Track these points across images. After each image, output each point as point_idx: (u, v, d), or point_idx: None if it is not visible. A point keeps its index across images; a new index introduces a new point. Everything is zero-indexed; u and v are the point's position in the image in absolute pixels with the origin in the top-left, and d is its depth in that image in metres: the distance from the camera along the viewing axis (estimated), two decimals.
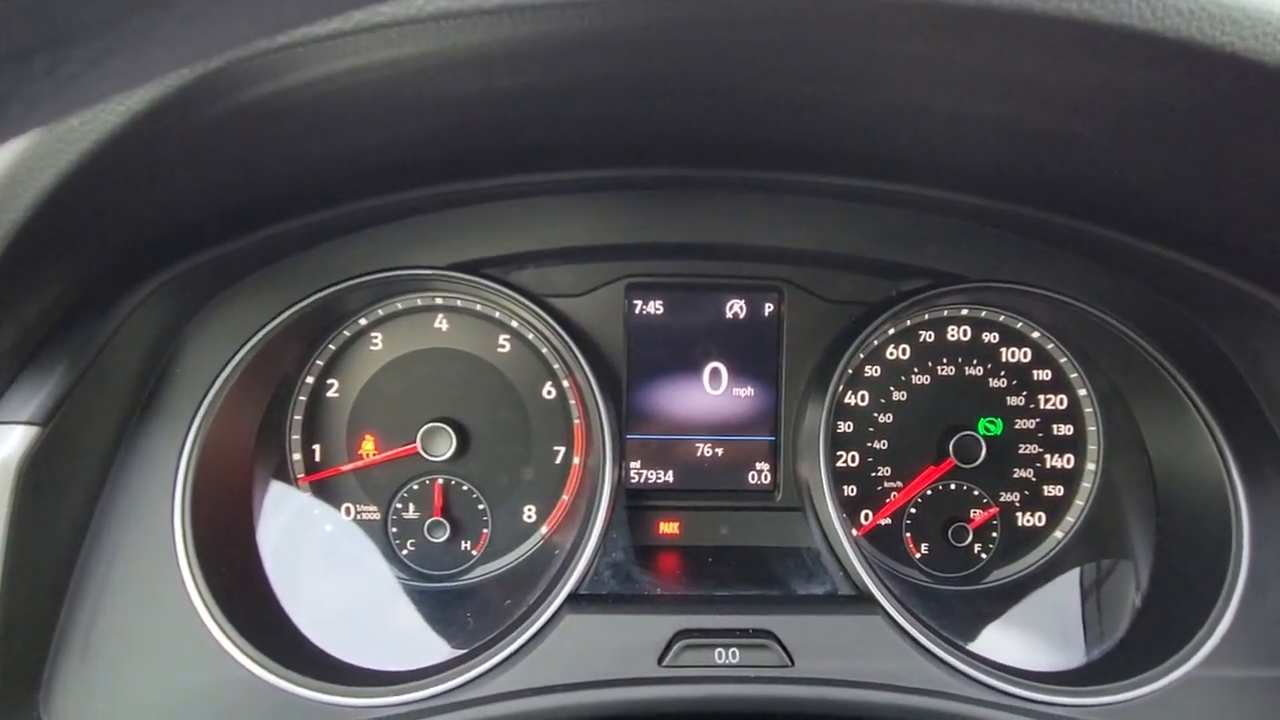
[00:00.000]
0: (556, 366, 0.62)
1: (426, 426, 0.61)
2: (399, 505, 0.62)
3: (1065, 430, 0.64)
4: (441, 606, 0.61)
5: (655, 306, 0.64)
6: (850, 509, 0.62)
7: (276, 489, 0.60)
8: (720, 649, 0.50)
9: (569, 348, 0.60)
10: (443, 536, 0.62)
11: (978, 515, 0.64)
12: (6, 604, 0.42)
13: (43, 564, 0.45)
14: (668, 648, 0.50)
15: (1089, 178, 0.50)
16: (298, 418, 0.61)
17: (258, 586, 0.53)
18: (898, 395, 0.64)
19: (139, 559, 0.48)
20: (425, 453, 0.61)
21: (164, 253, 0.46)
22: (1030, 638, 0.56)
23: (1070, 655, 0.54)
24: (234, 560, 0.52)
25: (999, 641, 0.55)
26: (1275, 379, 0.51)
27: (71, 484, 0.47)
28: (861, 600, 0.53)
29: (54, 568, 0.46)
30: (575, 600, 0.52)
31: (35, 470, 0.43)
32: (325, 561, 0.61)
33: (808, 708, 0.48)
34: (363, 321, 0.62)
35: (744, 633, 0.50)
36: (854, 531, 0.59)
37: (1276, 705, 0.47)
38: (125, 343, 0.49)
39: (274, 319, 0.55)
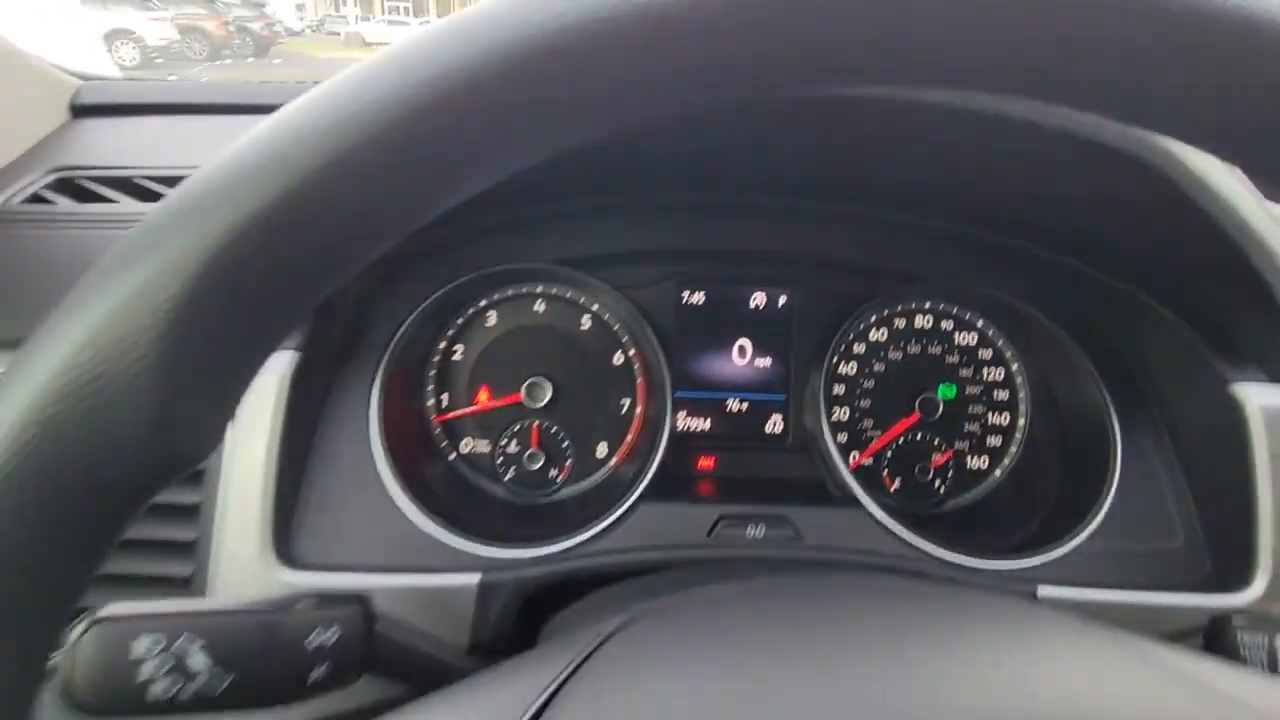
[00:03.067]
0: (625, 340, 0.83)
1: (529, 381, 0.81)
2: (504, 441, 0.83)
3: (1003, 395, 0.85)
4: (534, 515, 0.81)
5: (698, 298, 0.85)
6: (842, 451, 0.82)
7: (422, 421, 0.81)
8: (750, 527, 0.70)
9: (640, 325, 0.80)
10: (536, 465, 0.82)
11: (937, 458, 0.84)
12: (279, 477, 0.62)
13: (297, 450, 0.65)
14: (713, 527, 0.70)
15: (1018, 210, 0.72)
16: (433, 373, 0.82)
17: (424, 476, 0.74)
18: (878, 366, 0.85)
19: (349, 447, 0.68)
20: (526, 400, 0.81)
21: None
22: (974, 537, 0.75)
23: (1001, 543, 0.74)
24: (406, 452, 0.72)
25: (951, 540, 0.74)
26: (1142, 348, 0.73)
27: (311, 395, 0.67)
28: (852, 502, 0.73)
29: (301, 452, 0.66)
30: (645, 498, 0.72)
31: (295, 383, 0.63)
32: (453, 474, 0.81)
33: (815, 559, 0.68)
34: (482, 303, 0.82)
35: (766, 518, 0.70)
36: (847, 465, 0.79)
37: (1132, 563, 0.68)
38: (339, 303, 0.70)
39: (429, 298, 0.76)
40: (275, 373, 0.62)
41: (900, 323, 0.85)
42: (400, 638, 0.55)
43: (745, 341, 0.84)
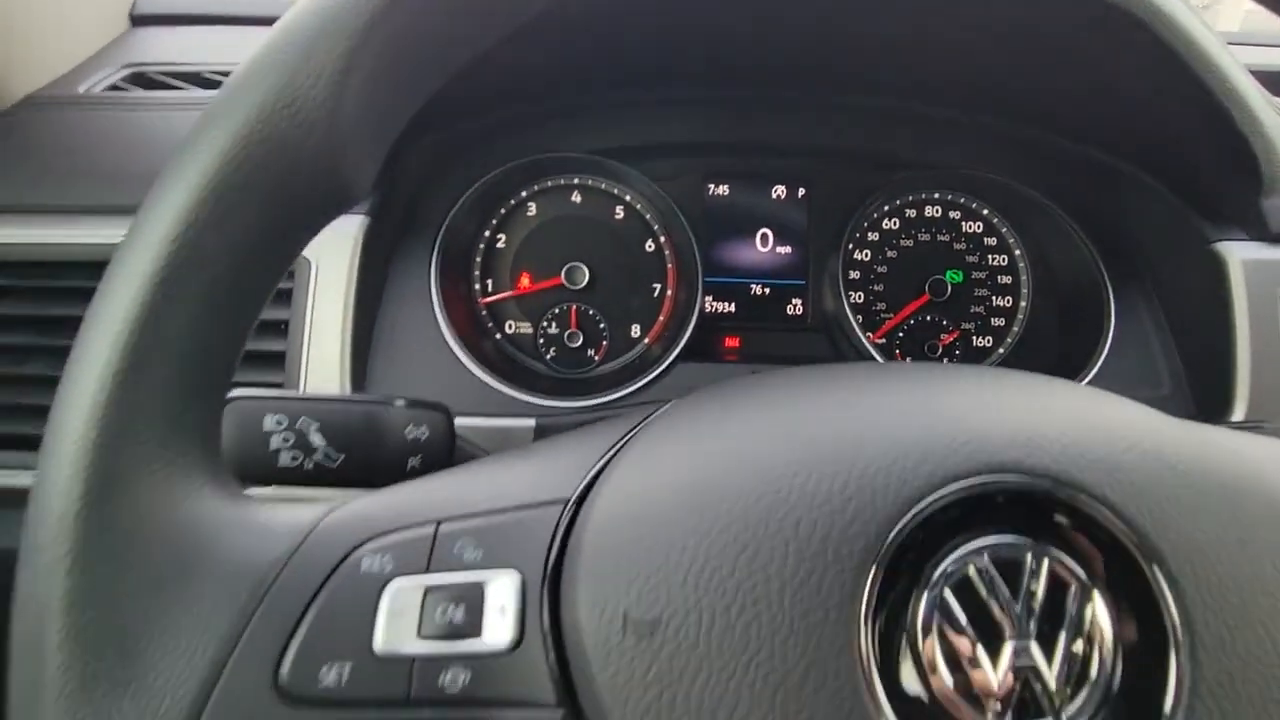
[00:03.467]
0: (657, 228, 0.89)
1: (568, 265, 0.88)
2: (545, 323, 0.89)
3: (1006, 280, 0.91)
4: (575, 386, 0.87)
5: (724, 190, 0.91)
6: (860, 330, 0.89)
7: (470, 303, 0.87)
8: None
9: (672, 214, 0.87)
10: (576, 344, 0.89)
11: (945, 337, 0.91)
12: (355, 325, 0.68)
13: (367, 306, 0.71)
14: None
15: (1014, 91, 0.78)
16: (478, 259, 0.88)
17: (478, 348, 0.81)
18: (890, 253, 0.91)
19: (412, 309, 0.74)
20: (566, 283, 0.88)
21: (435, 120, 0.73)
22: None
23: None
24: (459, 326, 0.78)
25: None
26: (1131, 217, 0.80)
27: (377, 259, 0.74)
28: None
29: (371, 309, 0.73)
30: (680, 360, 0.79)
31: (366, 244, 0.70)
32: (500, 352, 0.88)
33: None
34: (523, 194, 0.89)
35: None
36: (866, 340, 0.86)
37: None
38: (400, 180, 0.76)
39: (475, 184, 0.82)
40: (350, 232, 0.68)
41: (911, 212, 0.91)
42: (471, 452, 0.62)
43: (767, 230, 0.91)
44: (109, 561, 0.31)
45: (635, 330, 0.90)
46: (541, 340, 0.89)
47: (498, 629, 0.35)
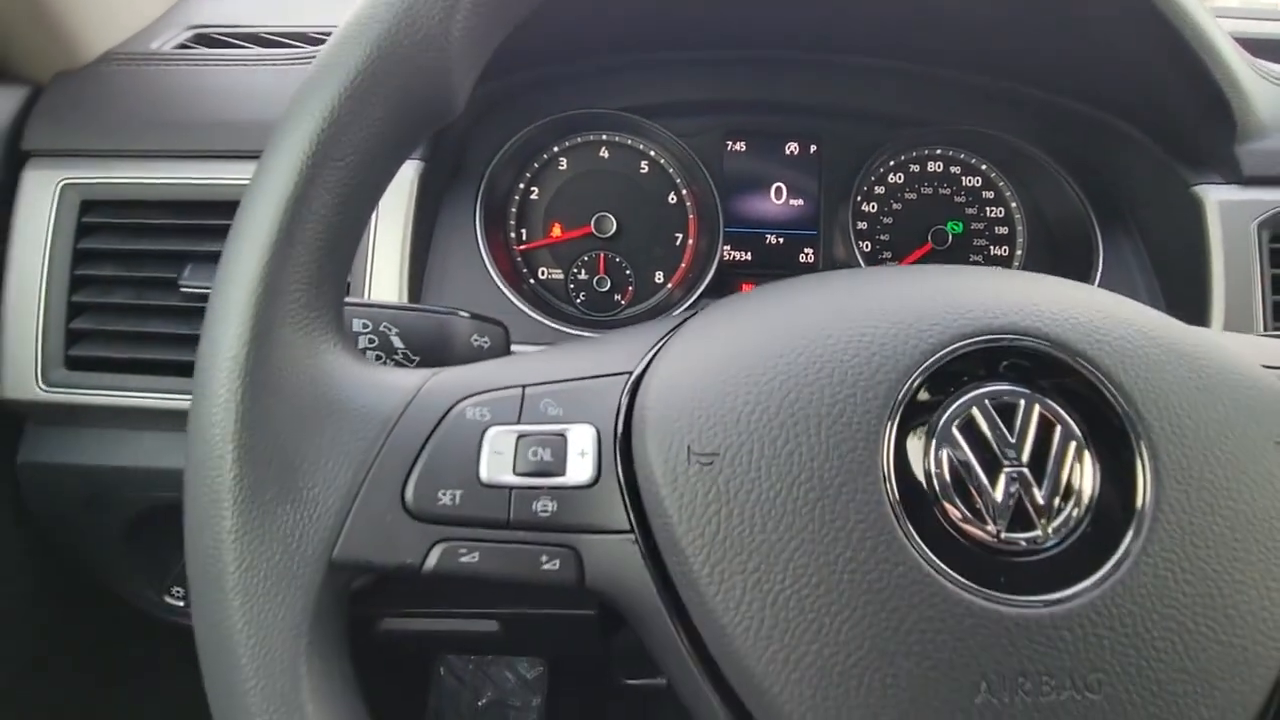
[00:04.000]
0: (679, 181, 0.96)
1: (597, 215, 0.95)
2: (575, 270, 0.96)
3: (1003, 230, 0.98)
4: (603, 327, 0.94)
5: (741, 146, 0.98)
6: None
7: (507, 251, 0.94)
8: None
9: (695, 167, 0.93)
10: (604, 289, 0.96)
11: None
12: (411, 267, 0.75)
13: (421, 245, 0.78)
14: None
15: (1010, 53, 0.85)
16: (513, 210, 0.95)
17: (516, 282, 0.87)
18: (896, 205, 0.98)
19: (459, 249, 0.81)
20: (596, 231, 0.95)
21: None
22: None
23: None
24: (500, 268, 0.85)
25: None
26: (1117, 166, 0.87)
27: (430, 204, 0.80)
28: None
29: (427, 243, 0.79)
30: (702, 298, 0.86)
31: (421, 187, 0.76)
32: (535, 296, 0.95)
33: None
34: (554, 149, 0.95)
35: None
36: None
37: None
38: (449, 130, 0.82)
39: (512, 138, 0.89)
40: (407, 176, 0.75)
41: (915, 168, 0.98)
42: None
43: (781, 184, 0.98)
44: (269, 394, 0.38)
45: (659, 276, 0.96)
46: (572, 286, 0.95)
47: (579, 468, 0.42)
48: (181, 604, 0.79)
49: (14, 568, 0.82)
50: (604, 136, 0.95)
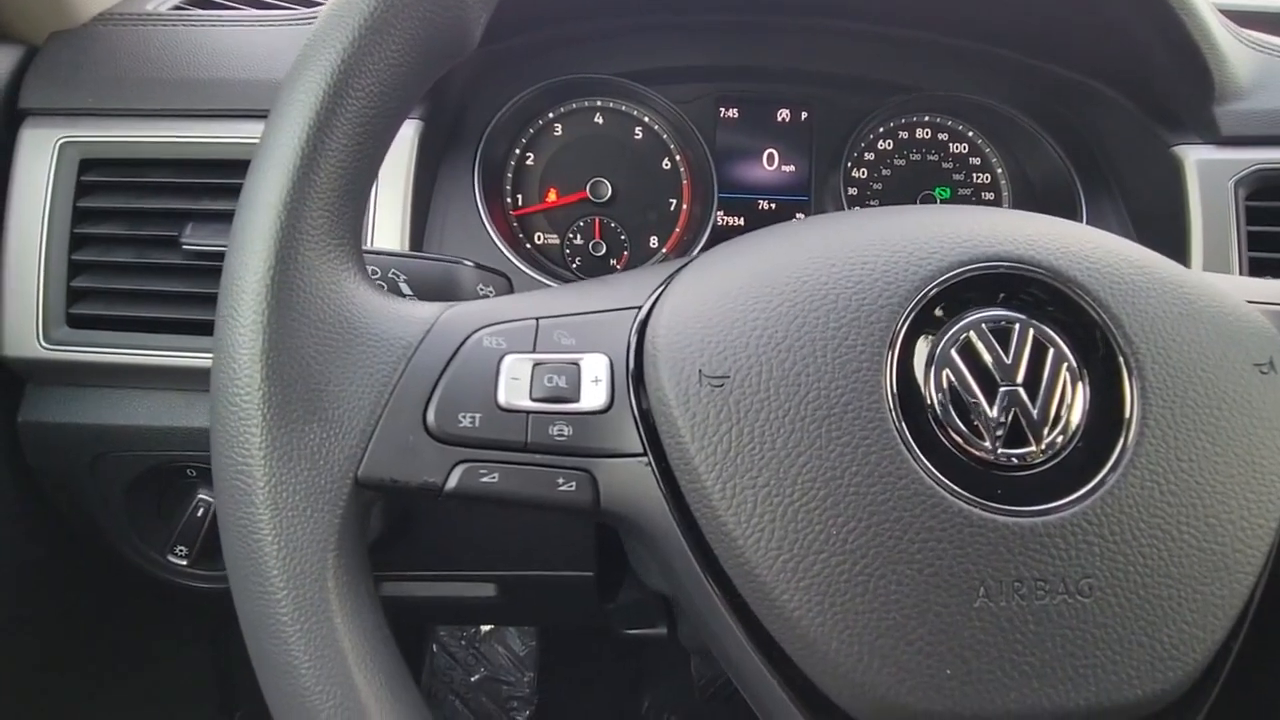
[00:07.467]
0: (673, 147, 0.97)
1: (593, 180, 0.96)
2: (570, 234, 0.97)
3: (989, 196, 1.00)
4: None
5: (734, 113, 0.99)
6: None
7: (504, 217, 0.95)
8: None
9: (690, 133, 0.95)
10: (599, 253, 0.97)
11: None
12: (414, 222, 0.76)
13: (421, 205, 0.79)
14: None
15: (996, 20, 0.87)
16: (509, 175, 0.96)
17: (515, 245, 0.88)
18: (885, 171, 1.00)
19: (457, 208, 0.82)
20: (591, 196, 0.96)
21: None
22: None
23: None
24: (500, 224, 0.86)
25: None
26: (1099, 128, 0.89)
27: (429, 165, 0.81)
28: None
29: (427, 201, 0.80)
30: None
31: (421, 146, 0.77)
32: (532, 262, 0.96)
33: None
34: (550, 115, 0.96)
35: None
36: None
37: None
38: (448, 90, 0.83)
39: (509, 102, 0.90)
40: (407, 136, 0.76)
41: (904, 134, 1.00)
42: None
43: (773, 150, 0.99)
44: (294, 317, 0.39)
45: (654, 241, 0.98)
46: (568, 250, 0.96)
47: (592, 395, 0.43)
48: (184, 563, 0.79)
49: (16, 528, 0.83)
50: (599, 102, 0.96)
